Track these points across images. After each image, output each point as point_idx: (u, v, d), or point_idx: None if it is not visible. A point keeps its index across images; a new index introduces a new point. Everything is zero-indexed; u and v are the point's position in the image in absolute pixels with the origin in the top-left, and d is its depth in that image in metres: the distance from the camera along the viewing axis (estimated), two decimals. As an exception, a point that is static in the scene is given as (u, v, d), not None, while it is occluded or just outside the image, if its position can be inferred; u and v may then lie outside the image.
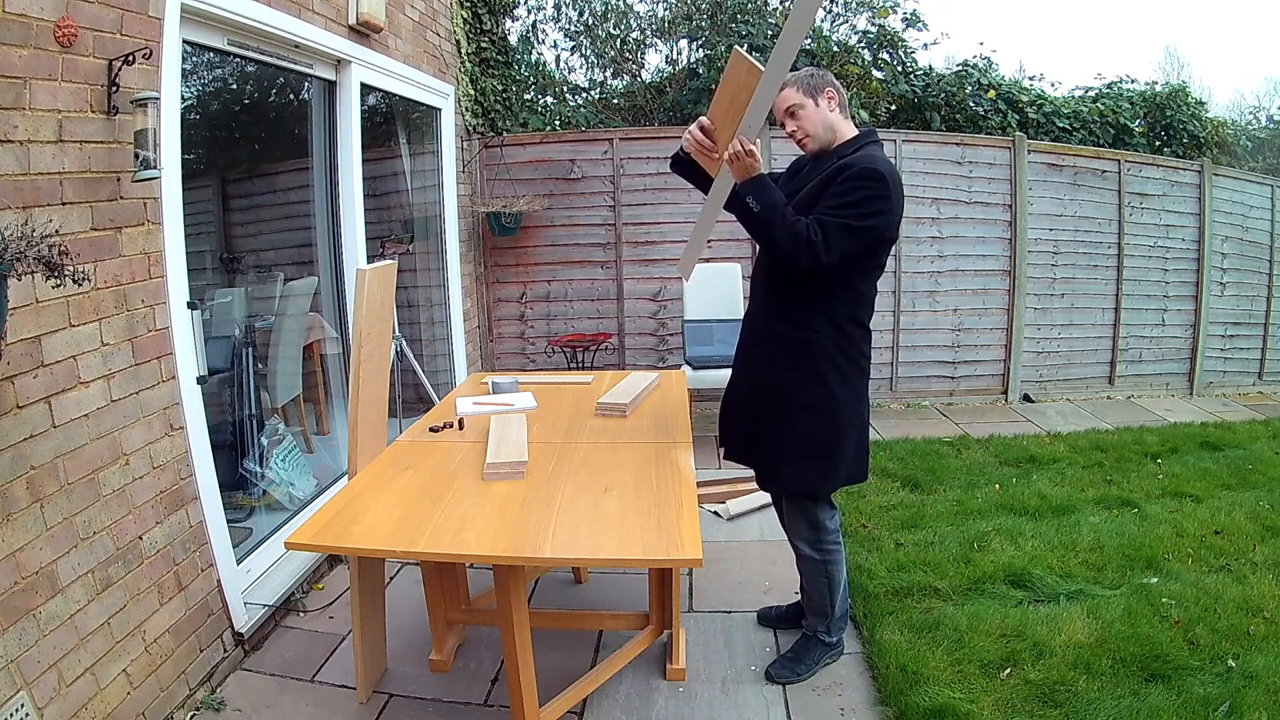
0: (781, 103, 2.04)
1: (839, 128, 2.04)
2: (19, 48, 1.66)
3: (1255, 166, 6.39)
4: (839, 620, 2.29)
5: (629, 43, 5.89)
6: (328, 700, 2.20)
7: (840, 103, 2.05)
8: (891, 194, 1.91)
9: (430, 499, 1.79)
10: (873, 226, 1.91)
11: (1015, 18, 23.39)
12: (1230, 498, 3.50)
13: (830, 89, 2.02)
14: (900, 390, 5.30)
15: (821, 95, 2.02)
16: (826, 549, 2.20)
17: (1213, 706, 2.00)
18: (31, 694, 1.65)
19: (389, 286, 2.33)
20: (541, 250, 5.07)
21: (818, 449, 2.07)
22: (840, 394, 2.05)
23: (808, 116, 2.03)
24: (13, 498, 1.64)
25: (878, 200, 1.90)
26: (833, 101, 2.03)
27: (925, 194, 5.09)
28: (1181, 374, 5.74)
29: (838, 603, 2.26)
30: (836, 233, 1.88)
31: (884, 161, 1.97)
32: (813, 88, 2.02)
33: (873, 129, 2.11)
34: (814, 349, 2.04)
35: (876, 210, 1.90)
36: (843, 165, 1.95)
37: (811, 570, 2.24)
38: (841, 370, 2.05)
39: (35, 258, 1.41)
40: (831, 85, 2.03)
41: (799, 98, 2.02)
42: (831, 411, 2.06)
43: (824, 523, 2.18)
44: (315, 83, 3.22)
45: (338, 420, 3.80)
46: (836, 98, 2.03)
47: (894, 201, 1.92)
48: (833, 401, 2.05)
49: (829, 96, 2.02)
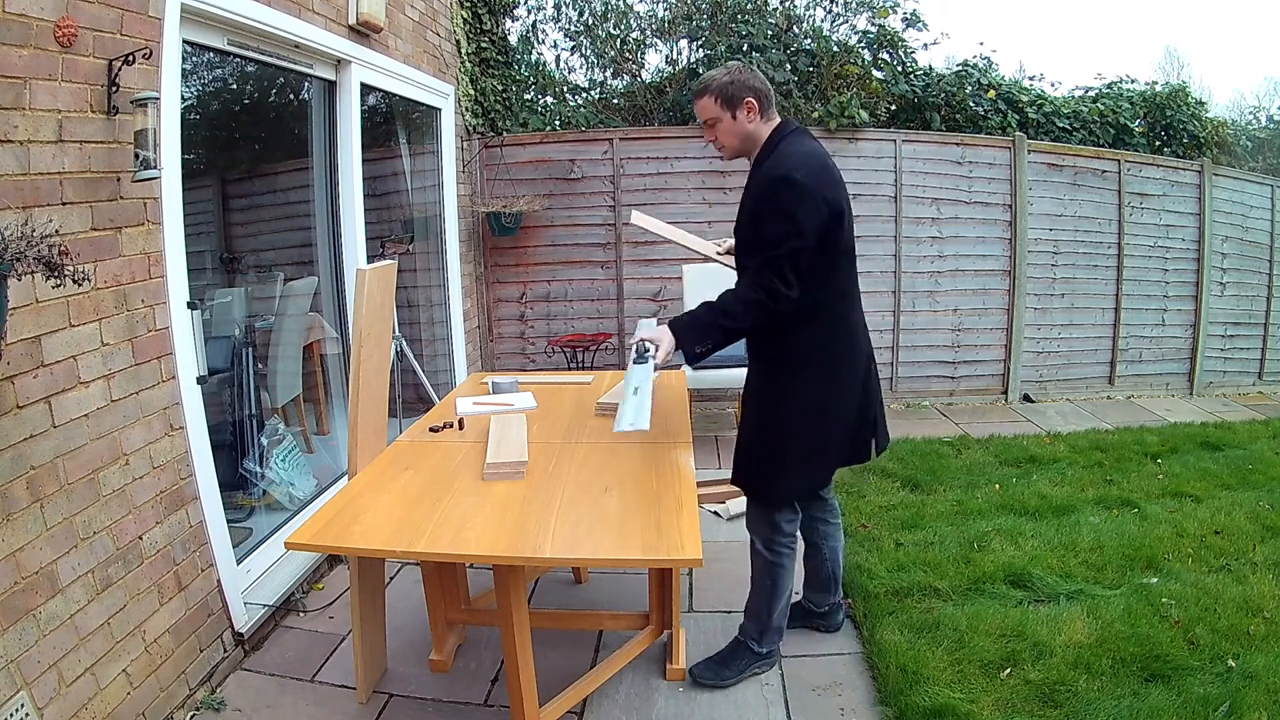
0: (700, 111, 2.05)
1: (758, 134, 2.03)
2: (19, 48, 1.66)
3: (1255, 166, 6.38)
4: (773, 632, 2.25)
5: (629, 43, 5.88)
6: (328, 700, 2.20)
7: (760, 109, 2.01)
8: (806, 190, 1.87)
9: (430, 499, 1.79)
10: (803, 232, 1.88)
11: (1015, 18, 23.41)
12: (1230, 498, 3.50)
13: (750, 99, 1.99)
14: (900, 390, 5.30)
15: (740, 108, 1.99)
16: (777, 551, 2.19)
17: (1213, 706, 1.99)
18: (31, 694, 1.66)
19: (389, 286, 2.33)
20: (541, 250, 5.07)
21: (760, 453, 2.11)
22: (786, 398, 2.06)
23: (724, 129, 2.03)
24: (13, 498, 1.64)
25: (795, 206, 1.87)
26: (752, 113, 2.00)
27: (925, 194, 5.09)
28: (1181, 374, 5.74)
29: (775, 613, 2.22)
30: (777, 268, 1.88)
31: (794, 158, 1.94)
32: (731, 100, 1.99)
33: (788, 120, 2.07)
34: (768, 355, 2.10)
35: (798, 219, 1.87)
36: (756, 183, 1.98)
37: (758, 568, 2.23)
38: (791, 375, 2.05)
39: (35, 258, 1.41)
40: (751, 93, 1.99)
41: (716, 111, 2.01)
42: (774, 417, 2.08)
43: (780, 525, 2.17)
44: (315, 83, 3.22)
45: (338, 420, 3.80)
46: (756, 106, 2.00)
47: (814, 193, 1.88)
48: (773, 407, 2.08)
49: (748, 108, 1.99)
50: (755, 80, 2.02)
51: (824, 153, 2.02)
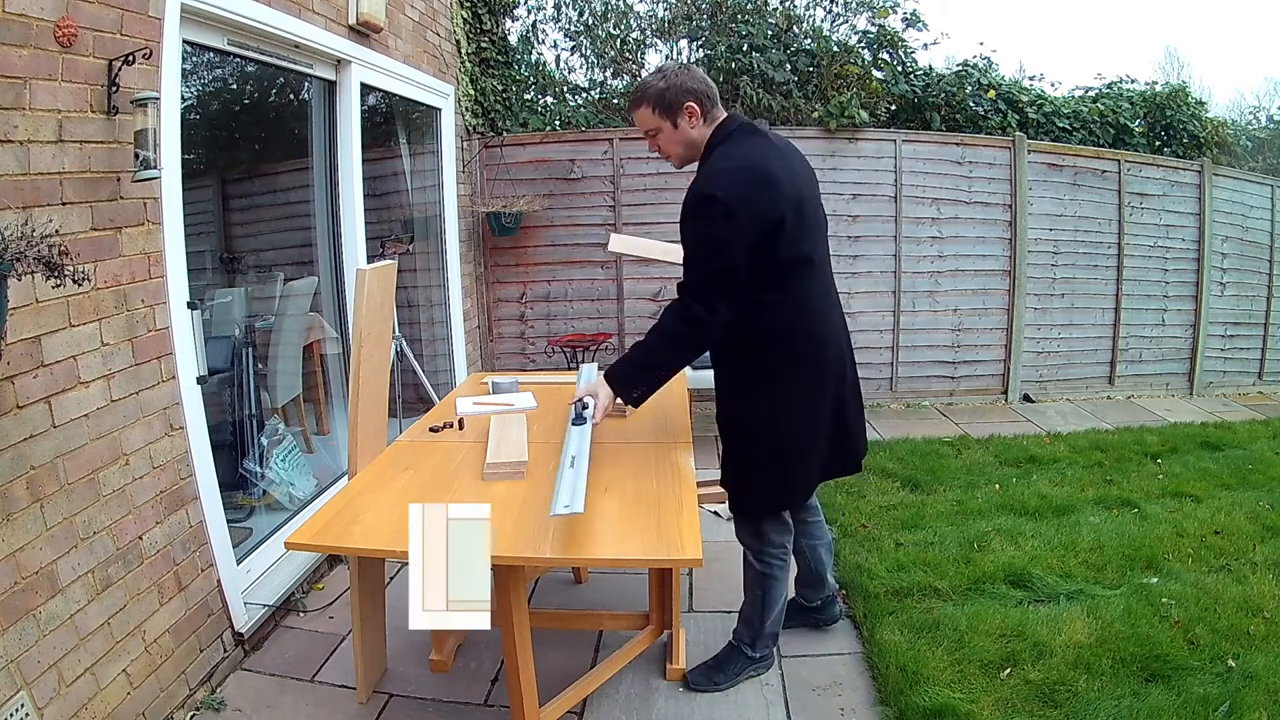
0: (639, 122, 1.96)
1: (704, 138, 1.93)
2: (19, 48, 1.66)
3: (1255, 166, 6.38)
4: (767, 638, 2.23)
5: (629, 43, 5.88)
6: (328, 700, 2.20)
7: (702, 113, 1.90)
8: (727, 207, 1.75)
9: (430, 499, 1.78)
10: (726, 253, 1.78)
11: (1015, 18, 23.43)
12: (1230, 498, 3.50)
13: (690, 104, 1.88)
14: (900, 390, 5.30)
15: (680, 114, 1.89)
16: (767, 562, 2.14)
17: (1213, 706, 1.99)
18: (31, 694, 1.65)
19: (389, 286, 2.33)
20: (541, 250, 5.07)
21: (731, 468, 2.08)
22: (751, 412, 2.01)
23: (665, 139, 1.94)
24: (13, 498, 1.64)
25: (715, 227, 1.77)
26: (694, 118, 1.90)
27: (925, 194, 5.09)
28: (1181, 374, 5.74)
29: (769, 620, 2.20)
30: (698, 294, 1.80)
31: (721, 172, 1.82)
32: (669, 107, 1.89)
33: (733, 116, 1.94)
34: (726, 373, 2.05)
35: (720, 240, 1.77)
36: (684, 202, 1.84)
37: (749, 578, 2.20)
38: (750, 395, 1.99)
39: (35, 258, 1.41)
40: (691, 97, 1.88)
41: (655, 121, 1.92)
42: (744, 432, 2.04)
43: (768, 534, 2.13)
44: (315, 83, 3.22)
45: (338, 420, 3.80)
46: (698, 110, 1.89)
47: (736, 210, 1.76)
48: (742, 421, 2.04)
49: (689, 113, 1.89)
50: (693, 81, 1.90)
51: (765, 155, 1.86)
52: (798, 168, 1.96)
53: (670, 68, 1.95)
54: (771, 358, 1.95)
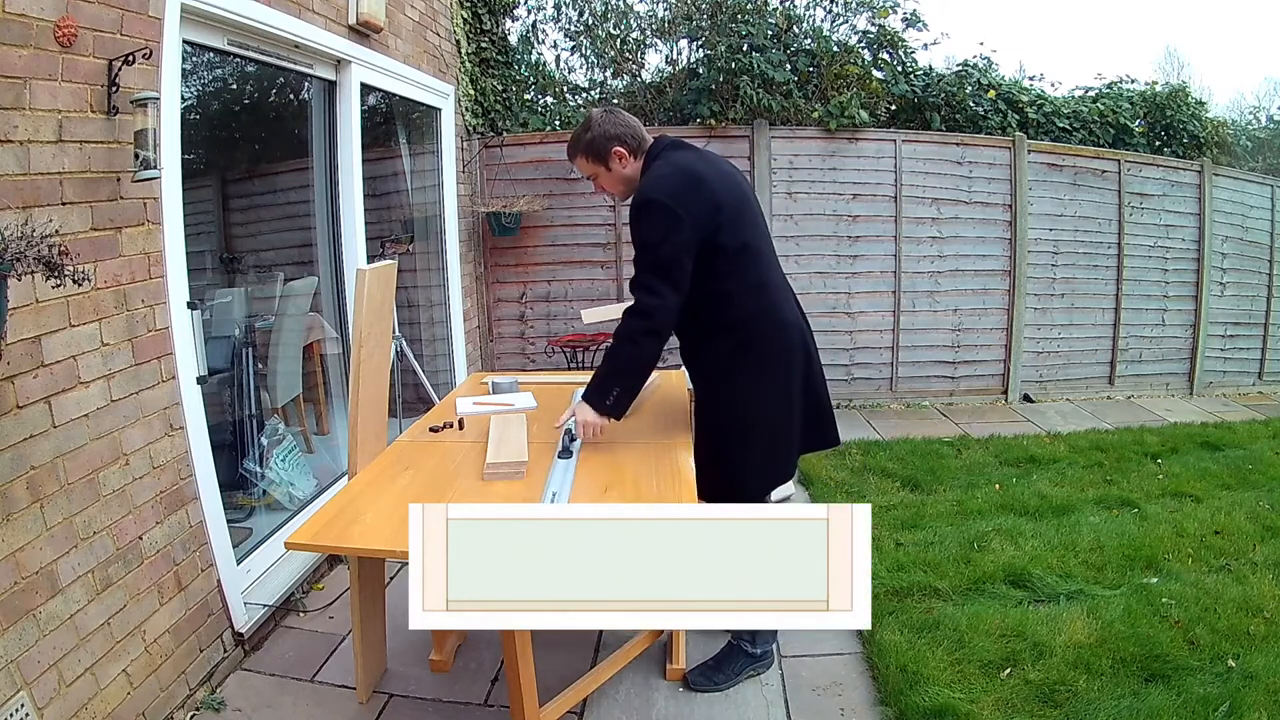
0: (579, 170, 2.10)
1: (637, 173, 2.05)
2: (19, 48, 1.66)
3: (1255, 166, 6.37)
4: (766, 633, 2.26)
5: (629, 43, 5.88)
6: (328, 700, 2.20)
7: (630, 153, 2.03)
8: (661, 205, 1.89)
9: (430, 499, 1.78)
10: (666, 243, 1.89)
11: (1015, 18, 23.45)
12: (1230, 498, 3.50)
13: (617, 148, 2.01)
14: (900, 390, 5.30)
15: (610, 159, 2.02)
16: None
17: (1213, 706, 2.00)
18: (31, 694, 1.66)
19: (389, 286, 2.33)
20: (541, 250, 5.07)
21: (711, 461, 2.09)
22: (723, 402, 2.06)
23: (604, 181, 2.08)
24: (13, 498, 1.64)
25: (652, 224, 1.90)
26: (623, 160, 2.03)
27: (925, 194, 5.09)
28: (1181, 374, 5.74)
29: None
30: (642, 282, 1.90)
31: (651, 181, 1.96)
32: (599, 154, 2.02)
33: (661, 138, 2.07)
34: (694, 366, 2.13)
35: (659, 233, 1.89)
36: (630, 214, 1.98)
37: None
38: (725, 376, 2.05)
39: (35, 258, 1.41)
40: (616, 142, 2.01)
41: (591, 167, 2.06)
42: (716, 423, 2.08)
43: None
44: (315, 83, 3.22)
45: (338, 420, 3.80)
46: (625, 153, 2.02)
47: (670, 207, 1.88)
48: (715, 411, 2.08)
49: (617, 157, 2.02)
50: (616, 127, 2.02)
51: (692, 160, 2.00)
52: (726, 169, 2.09)
53: (596, 116, 2.06)
54: (740, 340, 2.03)
